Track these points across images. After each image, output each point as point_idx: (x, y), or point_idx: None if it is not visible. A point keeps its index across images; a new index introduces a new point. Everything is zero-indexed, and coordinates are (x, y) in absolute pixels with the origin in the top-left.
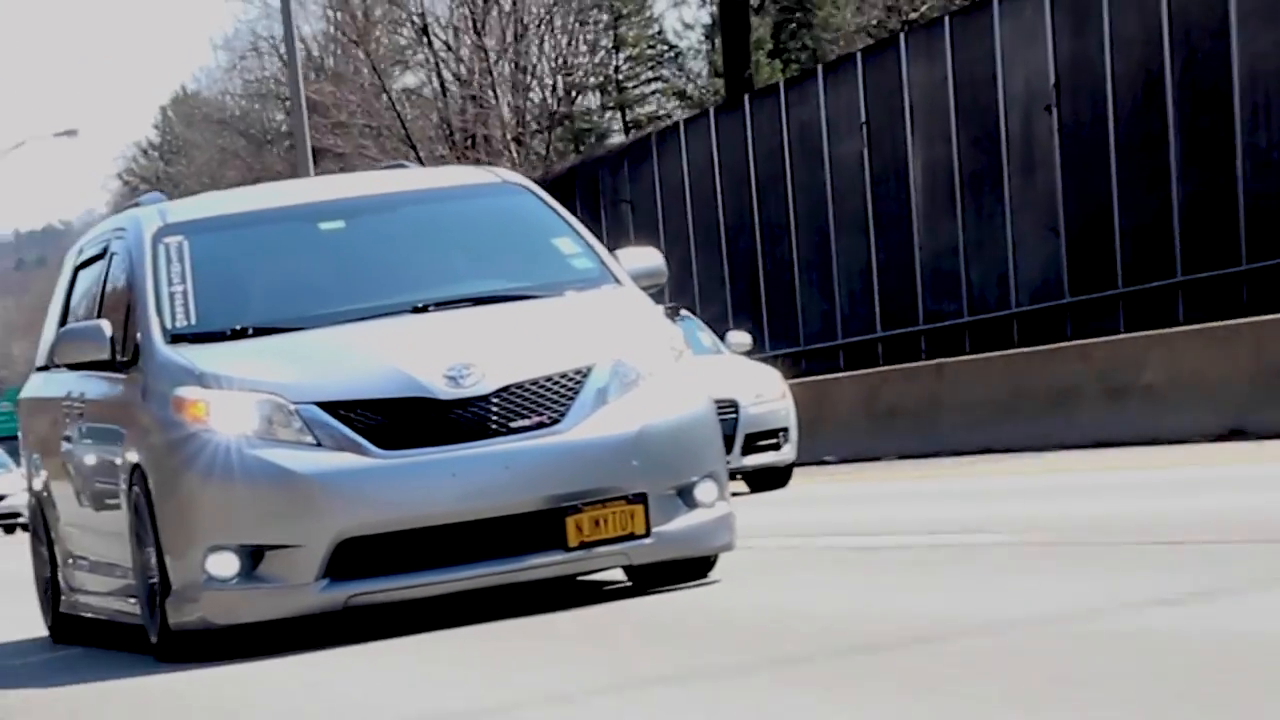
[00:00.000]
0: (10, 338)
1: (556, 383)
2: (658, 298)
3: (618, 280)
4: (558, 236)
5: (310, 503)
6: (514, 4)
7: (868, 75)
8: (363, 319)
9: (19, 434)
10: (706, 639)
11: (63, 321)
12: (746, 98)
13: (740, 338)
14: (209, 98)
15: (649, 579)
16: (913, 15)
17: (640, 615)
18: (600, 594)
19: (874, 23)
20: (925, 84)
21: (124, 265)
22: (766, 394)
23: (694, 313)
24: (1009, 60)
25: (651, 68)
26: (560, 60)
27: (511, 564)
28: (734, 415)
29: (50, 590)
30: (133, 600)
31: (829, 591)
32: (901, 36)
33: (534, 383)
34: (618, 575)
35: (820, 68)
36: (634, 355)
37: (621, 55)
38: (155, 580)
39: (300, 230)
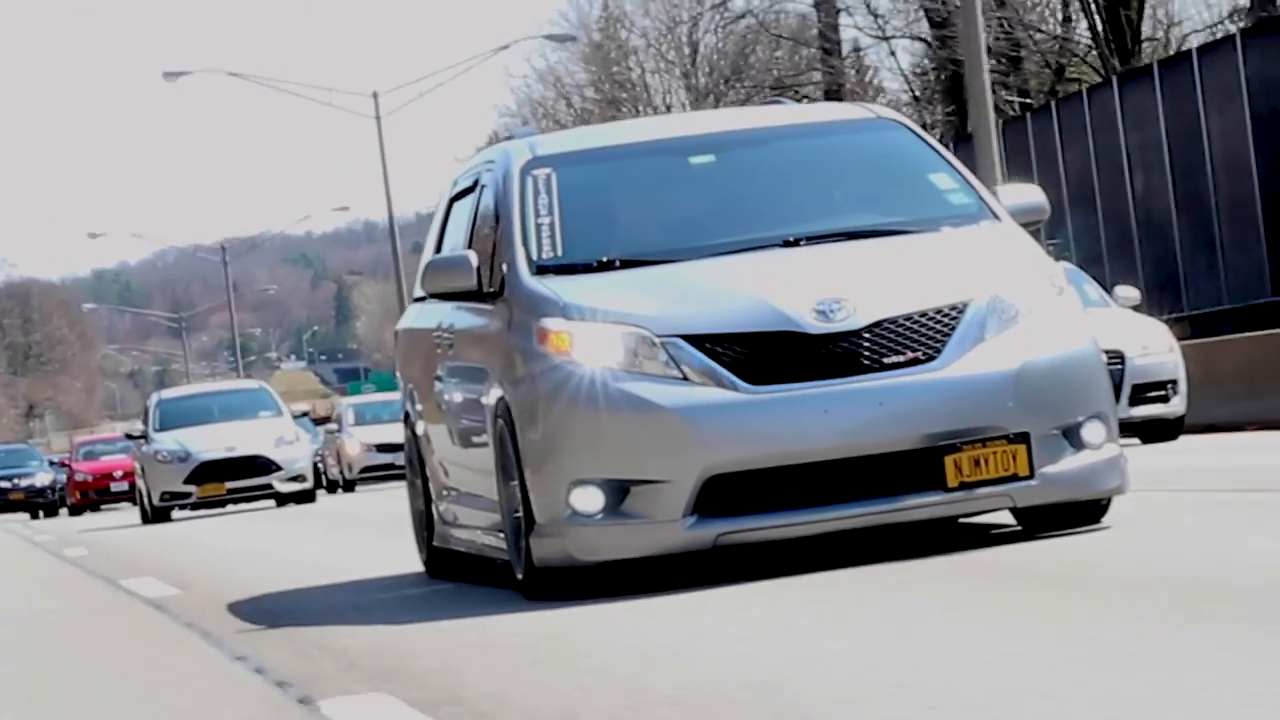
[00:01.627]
0: (387, 322)
1: (931, 318)
2: (1035, 238)
3: (996, 216)
4: (934, 172)
5: (677, 437)
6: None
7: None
8: (731, 252)
9: (396, 367)
10: (1124, 588)
11: (437, 252)
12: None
13: (1128, 292)
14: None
15: (1037, 523)
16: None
17: (1040, 560)
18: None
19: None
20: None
21: (493, 197)
22: (1153, 346)
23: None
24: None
25: None
26: None
27: (888, 504)
28: (1120, 366)
29: (425, 524)
30: (500, 535)
31: (1233, 541)
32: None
33: (908, 318)
34: (1005, 519)
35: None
36: (1013, 291)
37: None
38: (520, 515)
39: (669, 164)
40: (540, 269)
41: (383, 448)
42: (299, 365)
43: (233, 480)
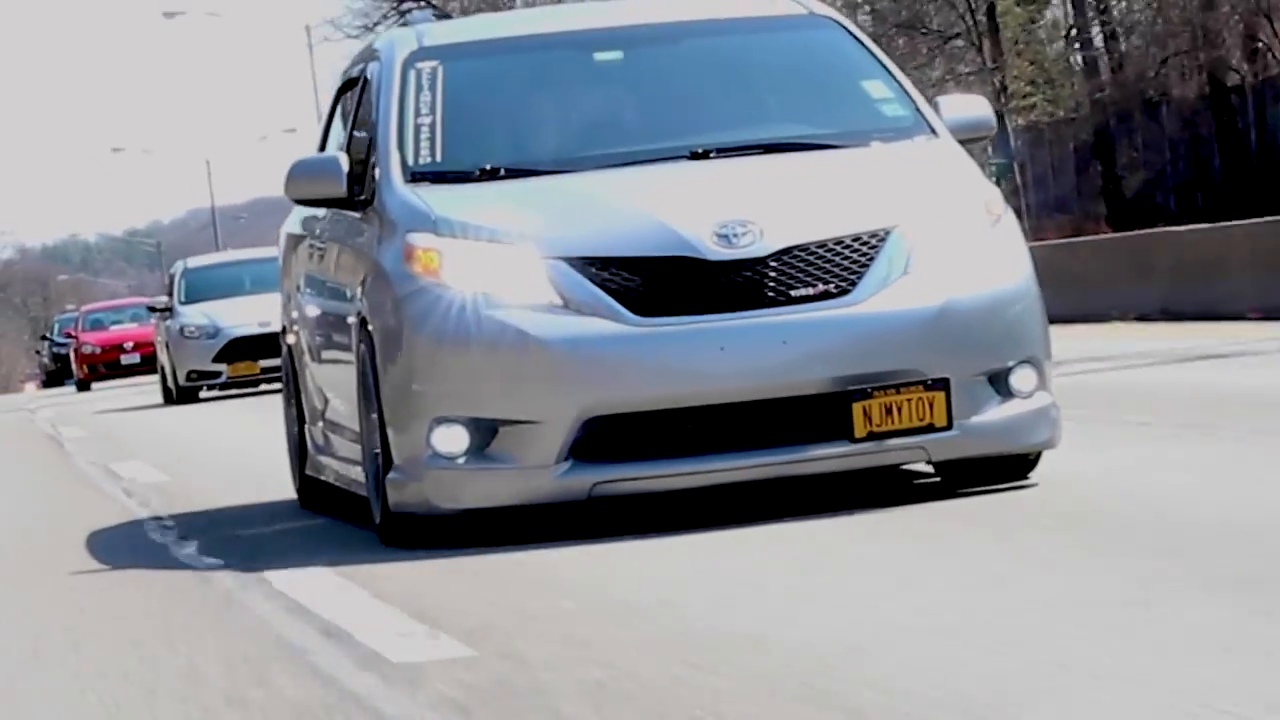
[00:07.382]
0: None
1: (848, 246)
2: (978, 156)
3: (933, 131)
4: (868, 79)
5: (554, 373)
6: None
7: None
8: (631, 164)
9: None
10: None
11: (322, 152)
12: None
13: None
14: None
15: (959, 477)
16: None
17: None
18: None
19: None
20: None
21: (373, 92)
22: None
23: None
24: None
25: None
26: None
27: (787, 454)
28: None
29: (298, 450)
30: (363, 469)
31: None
32: None
33: (821, 245)
34: (926, 469)
35: None
36: (943, 217)
37: None
38: (379, 452)
39: (571, 60)
40: (416, 176)
41: None
42: None
43: (267, 358)
